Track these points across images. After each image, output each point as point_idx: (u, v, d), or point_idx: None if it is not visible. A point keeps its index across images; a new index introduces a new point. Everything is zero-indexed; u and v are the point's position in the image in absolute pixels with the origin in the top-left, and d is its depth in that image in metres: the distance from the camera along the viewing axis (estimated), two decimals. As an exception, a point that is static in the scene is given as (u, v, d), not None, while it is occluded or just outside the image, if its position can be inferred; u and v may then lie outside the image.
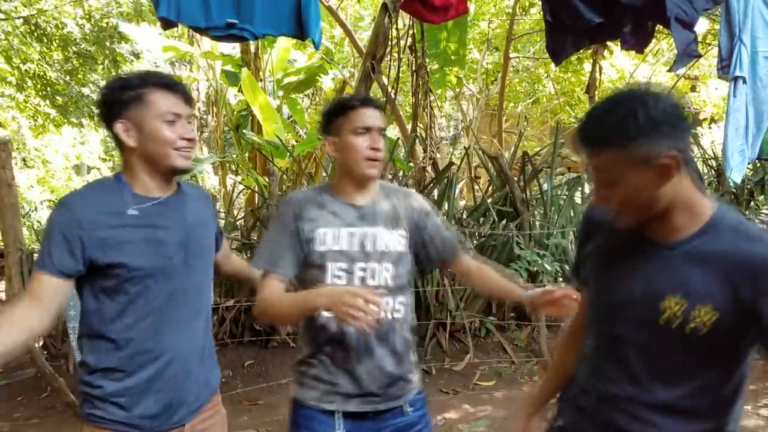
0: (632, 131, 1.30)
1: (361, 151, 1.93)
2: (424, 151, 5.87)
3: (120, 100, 1.70)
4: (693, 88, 11.01)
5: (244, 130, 7.82)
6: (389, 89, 6.03)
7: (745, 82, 2.46)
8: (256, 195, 5.89)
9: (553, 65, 11.70)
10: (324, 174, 10.32)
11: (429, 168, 5.72)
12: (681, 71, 11.07)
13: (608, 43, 5.10)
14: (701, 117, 10.65)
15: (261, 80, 9.80)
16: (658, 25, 2.69)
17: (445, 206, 5.36)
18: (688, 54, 2.52)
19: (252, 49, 9.94)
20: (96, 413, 1.70)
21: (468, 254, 2.21)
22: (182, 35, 12.57)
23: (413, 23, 6.15)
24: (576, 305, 1.77)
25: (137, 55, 13.97)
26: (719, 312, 1.30)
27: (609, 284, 1.50)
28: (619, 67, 9.91)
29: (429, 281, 5.27)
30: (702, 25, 6.08)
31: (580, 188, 5.89)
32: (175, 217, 1.78)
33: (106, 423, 1.70)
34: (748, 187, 6.07)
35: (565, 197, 6.01)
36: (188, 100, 1.77)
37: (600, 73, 5.58)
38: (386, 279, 1.98)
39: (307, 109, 12.50)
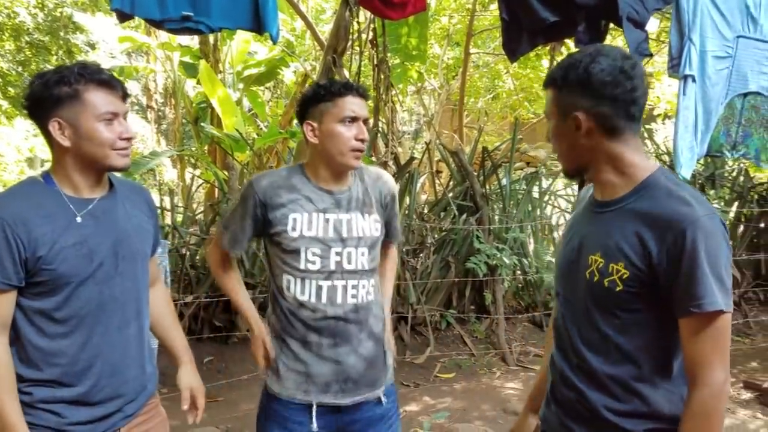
0: (565, 80, 1.41)
1: (346, 142, 1.91)
2: (386, 145, 5.89)
3: (53, 97, 1.61)
4: (647, 85, 11.25)
5: (202, 123, 7.71)
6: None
7: (694, 80, 2.55)
8: (216, 189, 5.82)
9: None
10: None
11: (391, 162, 5.73)
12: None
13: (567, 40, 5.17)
14: (655, 113, 10.89)
15: (221, 72, 9.67)
16: (612, 24, 2.77)
17: (407, 201, 5.39)
18: (639, 53, 2.59)
19: (211, 40, 9.80)
20: (26, 420, 1.63)
21: (394, 244, 2.29)
22: (139, 26, 12.32)
23: (375, 17, 6.15)
24: None
25: (92, 46, 13.67)
26: (629, 269, 1.35)
27: (563, 247, 1.59)
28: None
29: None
30: (653, 24, 6.22)
31: (537, 183, 5.98)
32: (106, 221, 1.72)
33: (37, 429, 1.65)
34: (699, 182, 6.25)
35: (523, 192, 6.10)
36: (125, 97, 1.71)
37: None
38: (362, 263, 2.00)
39: (267, 102, 12.39)
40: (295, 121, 11.57)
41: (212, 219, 5.20)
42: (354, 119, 1.91)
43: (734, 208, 6.38)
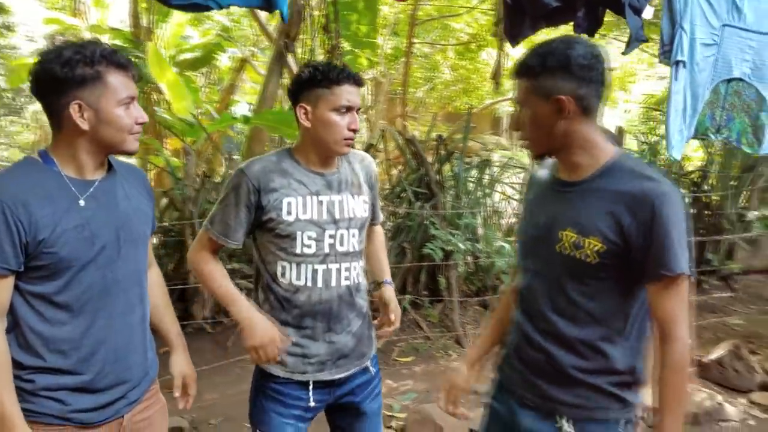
0: (544, 65, 1.52)
1: (340, 131, 1.92)
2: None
3: (77, 77, 1.55)
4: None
5: (155, 108, 7.46)
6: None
7: (685, 66, 2.70)
8: (168, 175, 5.66)
9: (450, 52, 12.04)
10: (226, 156, 10.07)
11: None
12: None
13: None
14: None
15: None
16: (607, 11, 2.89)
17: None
18: (637, 38, 2.73)
19: (144, 23, 9.49)
20: (27, 407, 1.60)
21: (378, 224, 2.34)
22: (64, 8, 11.77)
23: (327, 3, 6.11)
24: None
25: (9, 28, 12.95)
26: (604, 242, 1.50)
27: (528, 225, 1.72)
28: (514, 56, 10.34)
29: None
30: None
31: (488, 171, 6.11)
32: (107, 203, 1.68)
33: (39, 417, 1.61)
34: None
35: (473, 180, 6.22)
36: (137, 79, 1.69)
37: (506, 60, 5.78)
38: (353, 245, 2.05)
39: (202, 87, 12.09)
40: (233, 108, 11.38)
41: (166, 206, 5.05)
42: (349, 108, 1.92)
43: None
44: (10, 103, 17.58)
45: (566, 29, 3.11)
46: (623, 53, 2.89)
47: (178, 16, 9.72)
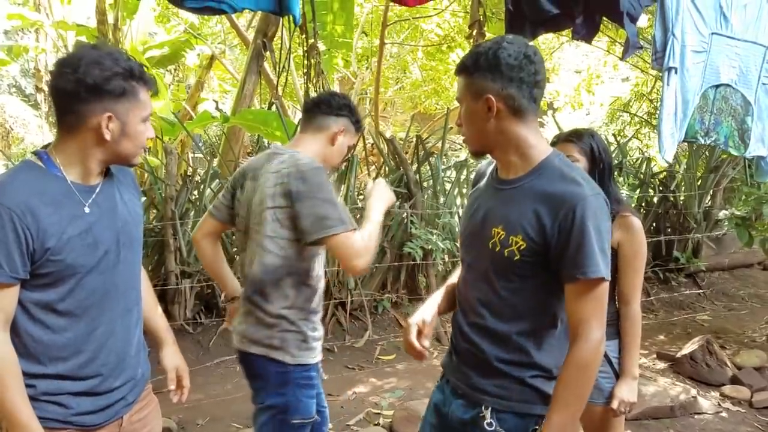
0: (476, 65, 1.56)
1: (342, 157, 2.37)
2: (318, 132, 5.87)
3: (116, 90, 1.55)
4: (546, 79, 11.87)
5: None
6: (279, 67, 5.95)
7: (676, 72, 2.81)
8: (142, 173, 5.59)
9: (419, 53, 12.11)
10: (194, 154, 9.96)
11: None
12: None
13: (487, 33, 5.37)
14: (555, 105, 11.52)
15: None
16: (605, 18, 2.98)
17: (343, 188, 5.42)
18: (633, 45, 2.83)
19: (110, 19, 9.31)
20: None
21: None
22: (27, 2, 11.48)
23: (304, 3, 6.10)
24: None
25: (-35, 22, 12.59)
26: (527, 241, 1.53)
27: (468, 220, 1.76)
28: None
29: (329, 262, 5.33)
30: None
31: (465, 171, 6.19)
32: (107, 209, 1.68)
33: (41, 421, 1.58)
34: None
35: (450, 180, 6.30)
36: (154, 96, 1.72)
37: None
38: None
39: (169, 85, 11.91)
40: (200, 106, 11.23)
41: (147, 206, 4.99)
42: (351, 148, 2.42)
43: (637, 193, 6.89)
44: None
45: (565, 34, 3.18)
46: (621, 59, 2.99)
47: (144, 13, 9.56)
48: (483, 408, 1.65)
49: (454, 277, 1.91)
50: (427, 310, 1.84)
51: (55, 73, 1.56)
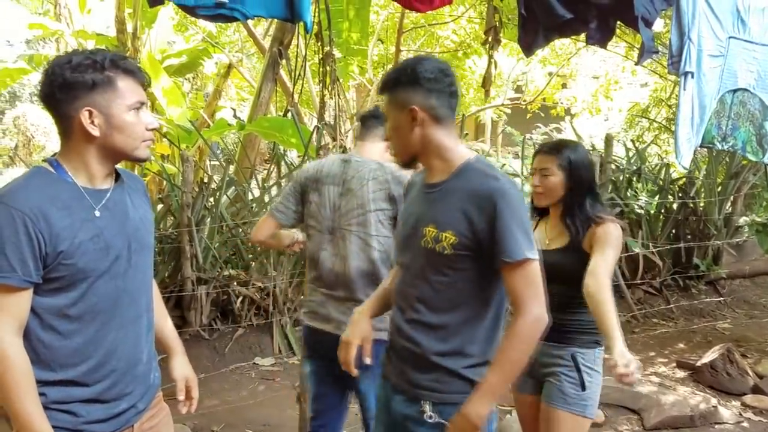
0: (398, 81, 1.75)
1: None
2: (333, 139, 5.87)
3: (87, 83, 1.53)
4: (564, 85, 11.83)
5: (152, 113, 7.42)
6: (295, 75, 5.97)
7: (693, 77, 2.78)
8: (157, 181, 5.63)
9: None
10: (211, 162, 10.02)
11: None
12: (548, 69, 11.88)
13: (502, 39, 5.36)
14: (573, 111, 11.45)
15: (139, 62, 9.30)
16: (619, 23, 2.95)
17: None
18: (648, 50, 2.80)
19: (129, 28, 9.43)
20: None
21: None
22: (47, 12, 11.64)
23: (319, 11, 6.13)
24: None
25: (-14, 33, 12.83)
26: (457, 236, 1.68)
27: (401, 224, 1.92)
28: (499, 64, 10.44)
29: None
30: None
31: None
32: (118, 213, 1.67)
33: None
34: (627, 175, 6.64)
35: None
36: (146, 86, 1.68)
37: (495, 68, 5.83)
38: None
39: (188, 93, 12.02)
40: (218, 114, 11.32)
41: (164, 213, 5.03)
42: None
43: (656, 199, 6.81)
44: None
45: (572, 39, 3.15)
46: (636, 63, 2.96)
47: (163, 22, 9.66)
48: (422, 402, 1.76)
49: (386, 283, 2.07)
50: (366, 325, 1.97)
51: (40, 84, 1.59)
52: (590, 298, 2.11)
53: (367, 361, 1.93)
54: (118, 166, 1.79)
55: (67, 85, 1.53)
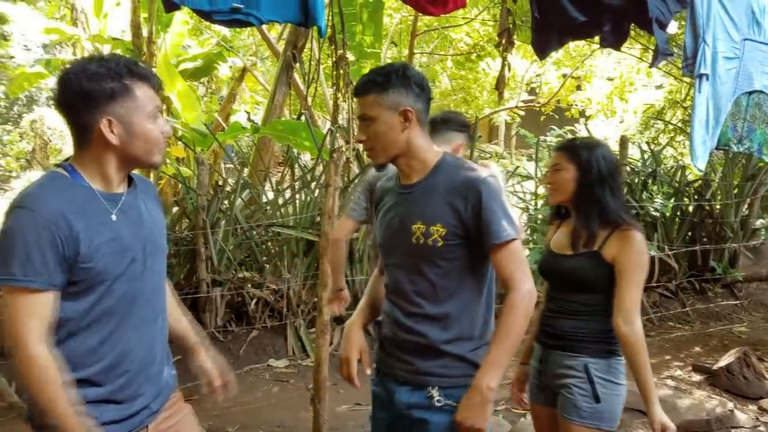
0: (390, 82, 1.80)
1: None
2: (347, 142, 5.89)
3: (106, 92, 1.54)
4: (578, 87, 11.78)
5: (167, 117, 7.49)
6: (309, 78, 6.00)
7: (707, 79, 2.76)
8: (172, 184, 5.67)
9: (449, 62, 12.10)
10: (226, 165, 10.07)
11: (353, 159, 5.75)
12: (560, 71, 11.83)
13: (516, 42, 5.35)
14: (588, 113, 11.39)
15: (154, 66, 9.37)
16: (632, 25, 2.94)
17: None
18: (663, 52, 2.79)
19: (144, 33, 9.50)
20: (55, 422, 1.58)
21: None
22: (63, 17, 11.75)
23: (333, 14, 6.16)
24: None
25: (4, 37, 12.96)
26: (447, 227, 1.78)
27: (383, 228, 1.97)
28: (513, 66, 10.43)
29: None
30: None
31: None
32: (133, 216, 1.69)
33: None
34: (642, 177, 6.60)
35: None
36: (159, 90, 1.70)
37: (509, 70, 5.82)
38: None
39: (202, 97, 12.10)
40: (232, 117, 11.38)
41: (179, 216, 5.06)
42: None
43: (672, 202, 6.76)
44: (5, 113, 17.56)
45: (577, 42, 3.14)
46: (650, 66, 2.95)
47: (178, 26, 9.73)
48: (430, 388, 1.84)
49: (368, 291, 2.16)
50: (359, 337, 2.05)
51: (55, 92, 1.60)
52: (625, 346, 2.10)
53: (368, 371, 2.00)
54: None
55: (86, 95, 1.54)
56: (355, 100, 1.96)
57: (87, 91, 1.53)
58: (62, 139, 15.04)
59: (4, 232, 1.52)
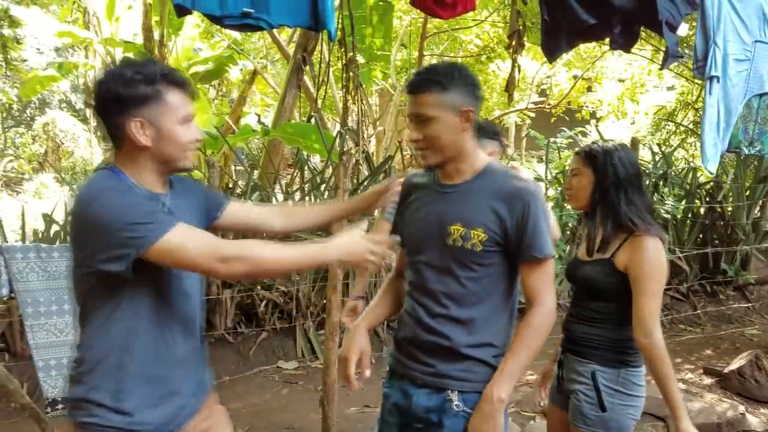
0: (452, 82, 1.75)
1: None
2: (356, 144, 5.91)
3: (138, 96, 1.60)
4: (589, 89, 11.73)
5: None
6: (318, 81, 6.02)
7: (718, 81, 2.74)
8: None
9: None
10: (236, 167, 10.12)
11: (362, 161, 5.76)
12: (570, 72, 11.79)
13: (526, 43, 5.34)
14: (599, 115, 11.35)
15: (166, 69, 9.40)
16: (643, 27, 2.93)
17: (382, 199, 5.43)
18: (673, 54, 2.78)
19: (156, 36, 9.56)
20: (91, 420, 1.62)
21: None
22: (76, 20, 11.85)
23: (343, 17, 6.17)
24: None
25: (17, 40, 13.07)
26: (488, 233, 1.75)
27: (415, 224, 1.91)
28: (523, 67, 10.41)
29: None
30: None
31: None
32: (180, 215, 1.69)
33: (104, 430, 1.61)
34: (653, 179, 6.57)
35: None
36: (194, 97, 1.74)
37: (519, 72, 5.81)
38: None
39: (213, 99, 12.15)
40: (243, 120, 11.43)
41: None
42: None
43: (683, 204, 6.72)
44: (18, 115, 17.73)
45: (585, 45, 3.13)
46: (660, 68, 2.94)
47: (189, 30, 9.78)
48: (449, 392, 1.81)
49: (381, 292, 2.11)
50: (363, 338, 1.98)
51: (93, 96, 1.65)
52: (647, 359, 2.02)
53: (367, 373, 1.94)
54: None
55: (120, 100, 1.59)
56: (365, 102, 1.91)
57: (120, 95, 1.59)
58: (74, 142, 15.17)
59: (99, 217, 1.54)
